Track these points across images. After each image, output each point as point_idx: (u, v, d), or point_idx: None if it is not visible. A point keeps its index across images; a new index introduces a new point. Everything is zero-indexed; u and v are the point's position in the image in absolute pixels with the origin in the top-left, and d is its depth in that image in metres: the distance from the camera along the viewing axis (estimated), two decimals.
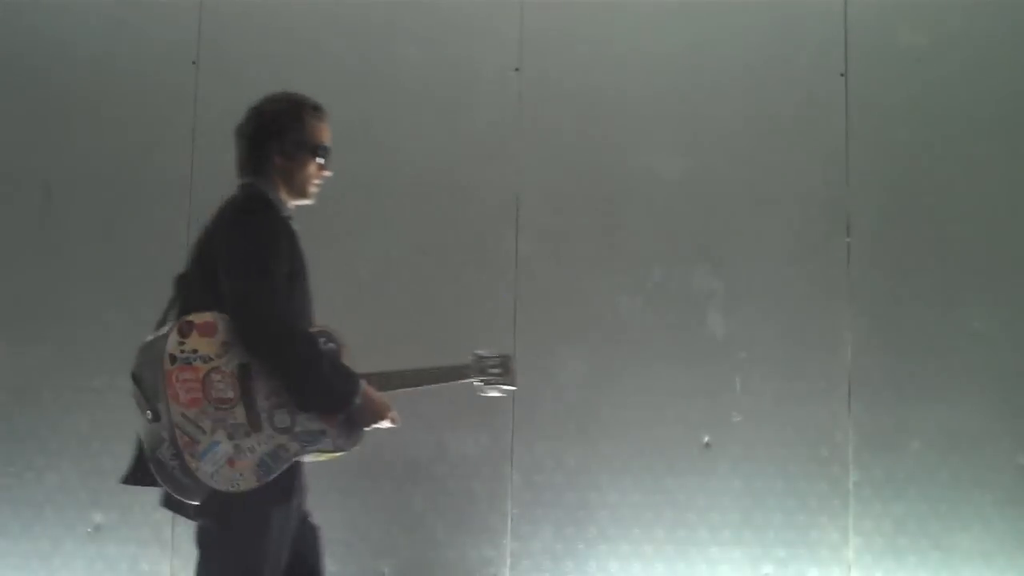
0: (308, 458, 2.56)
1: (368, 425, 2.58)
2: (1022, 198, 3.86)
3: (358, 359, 3.79)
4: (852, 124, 3.92)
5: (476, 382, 2.82)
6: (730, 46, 4.00)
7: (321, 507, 3.91)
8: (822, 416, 3.81)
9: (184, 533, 3.96)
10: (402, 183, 4.03)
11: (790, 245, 3.91)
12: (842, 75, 3.94)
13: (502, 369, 2.85)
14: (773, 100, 3.96)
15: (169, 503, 2.58)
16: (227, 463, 2.47)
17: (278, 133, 2.67)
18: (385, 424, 2.61)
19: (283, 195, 2.69)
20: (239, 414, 2.48)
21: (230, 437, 2.48)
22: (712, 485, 3.81)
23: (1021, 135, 3.89)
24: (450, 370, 2.81)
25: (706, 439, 3.84)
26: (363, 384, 2.56)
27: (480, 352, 2.84)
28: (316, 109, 2.72)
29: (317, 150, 2.70)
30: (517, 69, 3.83)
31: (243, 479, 2.45)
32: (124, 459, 4.10)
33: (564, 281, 3.93)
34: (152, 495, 4.01)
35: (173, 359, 2.52)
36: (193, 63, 4.14)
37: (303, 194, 2.72)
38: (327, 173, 2.72)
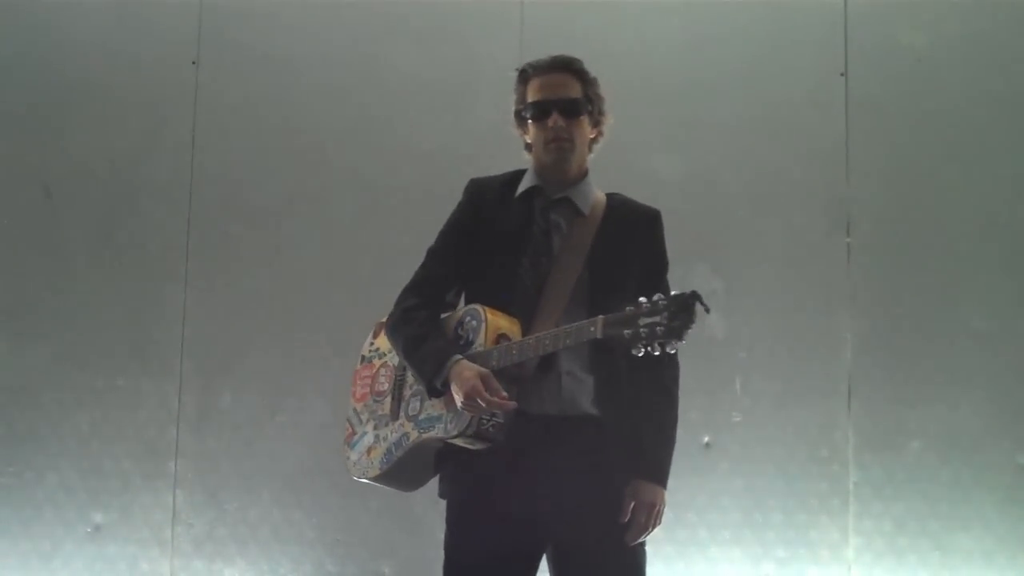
0: (461, 443, 2.34)
1: (462, 407, 2.26)
2: (1022, 198, 3.86)
3: (357, 356, 3.81)
4: (852, 124, 3.92)
5: (626, 334, 2.11)
6: (730, 46, 4.00)
7: (321, 507, 3.93)
8: (822, 416, 3.81)
9: (184, 533, 3.96)
10: (402, 183, 4.03)
11: (790, 245, 3.90)
12: (842, 75, 3.94)
13: (665, 317, 2.09)
14: (773, 100, 3.96)
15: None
16: (366, 452, 2.52)
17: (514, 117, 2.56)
18: (481, 404, 2.21)
19: (538, 170, 2.51)
20: (386, 404, 2.52)
21: (375, 427, 2.53)
22: (712, 485, 3.80)
23: (1021, 135, 3.88)
24: (576, 330, 2.22)
25: (706, 439, 3.83)
26: (451, 362, 2.30)
27: (640, 301, 2.13)
28: (521, 73, 2.52)
29: (526, 112, 2.48)
30: (517, 69, 3.83)
31: (371, 467, 2.49)
32: (124, 459, 4.14)
33: None
34: (150, 496, 4.05)
35: (362, 359, 2.65)
36: (193, 63, 4.14)
37: (545, 160, 2.47)
38: (551, 123, 2.43)
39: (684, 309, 2.09)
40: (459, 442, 2.32)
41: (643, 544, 2.40)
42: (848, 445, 3.80)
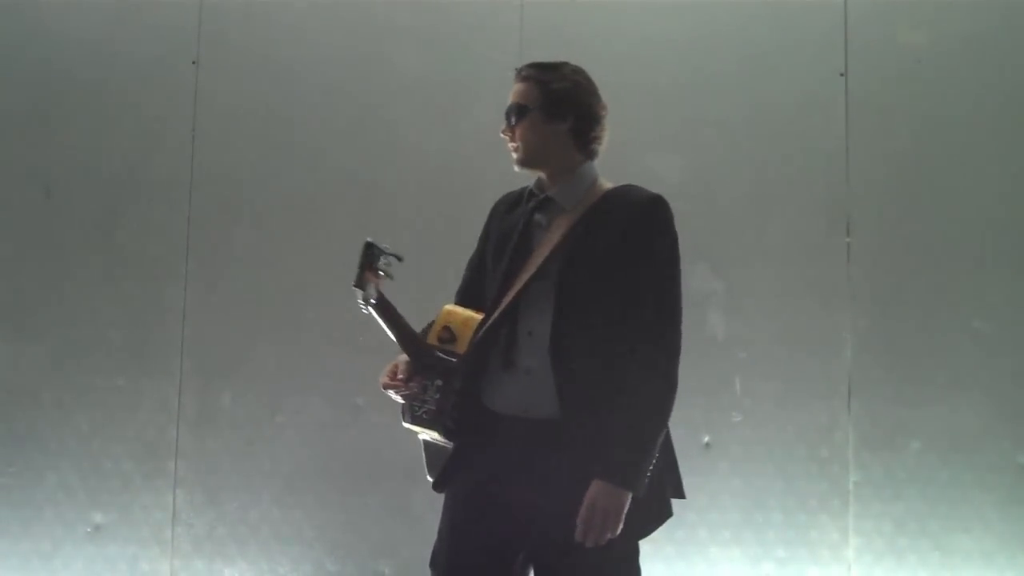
0: (415, 429, 2.52)
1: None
2: (1022, 198, 3.86)
3: (357, 356, 3.82)
4: (852, 124, 3.92)
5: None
6: (730, 46, 4.00)
7: (321, 507, 3.93)
8: (822, 416, 3.81)
9: (184, 533, 3.96)
10: (402, 183, 4.03)
11: (790, 245, 3.90)
12: (842, 75, 3.94)
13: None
14: (773, 100, 3.96)
15: None
16: None
17: None
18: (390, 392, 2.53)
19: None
20: None
21: None
22: (712, 485, 3.81)
23: (1021, 135, 3.88)
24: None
25: (706, 439, 3.84)
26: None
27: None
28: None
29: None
30: (517, 69, 3.83)
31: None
32: (124, 459, 4.14)
33: None
34: (150, 496, 4.05)
35: None
36: (193, 63, 4.15)
37: None
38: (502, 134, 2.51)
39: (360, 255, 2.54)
40: (414, 429, 2.47)
41: (615, 551, 2.24)
42: (848, 445, 3.80)
